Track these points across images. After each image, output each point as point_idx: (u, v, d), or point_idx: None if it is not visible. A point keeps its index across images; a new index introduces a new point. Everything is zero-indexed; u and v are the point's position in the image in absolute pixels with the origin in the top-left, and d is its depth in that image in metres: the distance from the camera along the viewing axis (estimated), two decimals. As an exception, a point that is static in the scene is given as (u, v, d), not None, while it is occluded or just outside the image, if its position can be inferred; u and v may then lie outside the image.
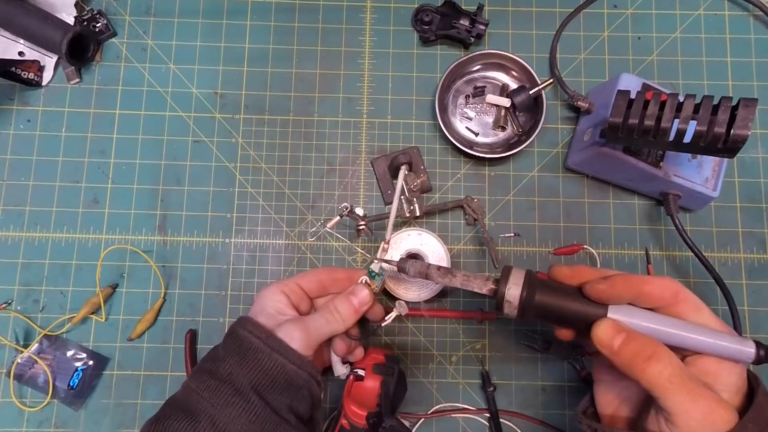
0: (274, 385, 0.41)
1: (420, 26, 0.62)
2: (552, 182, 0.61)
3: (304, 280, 0.47)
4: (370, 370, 0.49)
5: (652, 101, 0.46)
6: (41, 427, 0.56)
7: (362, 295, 0.45)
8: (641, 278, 0.37)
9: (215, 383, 0.40)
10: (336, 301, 0.45)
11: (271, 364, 0.41)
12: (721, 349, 0.35)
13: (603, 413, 0.40)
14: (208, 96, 0.62)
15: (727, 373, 0.35)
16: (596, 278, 0.38)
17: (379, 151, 0.61)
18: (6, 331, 0.57)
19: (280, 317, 0.44)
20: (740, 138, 0.43)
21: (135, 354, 0.57)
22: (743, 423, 0.32)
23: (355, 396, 0.48)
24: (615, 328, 0.36)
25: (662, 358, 0.34)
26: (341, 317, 0.44)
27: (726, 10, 0.64)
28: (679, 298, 0.36)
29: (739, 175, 0.60)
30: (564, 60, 0.62)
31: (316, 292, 0.48)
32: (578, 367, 0.56)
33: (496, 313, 0.56)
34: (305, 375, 0.42)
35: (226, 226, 0.59)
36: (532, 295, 0.39)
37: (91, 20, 0.61)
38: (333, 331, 0.44)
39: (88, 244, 0.59)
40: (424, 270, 0.44)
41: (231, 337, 0.44)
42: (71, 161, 0.60)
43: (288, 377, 0.41)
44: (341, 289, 0.48)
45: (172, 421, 0.39)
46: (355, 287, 0.46)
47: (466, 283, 0.42)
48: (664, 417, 0.34)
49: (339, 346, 0.47)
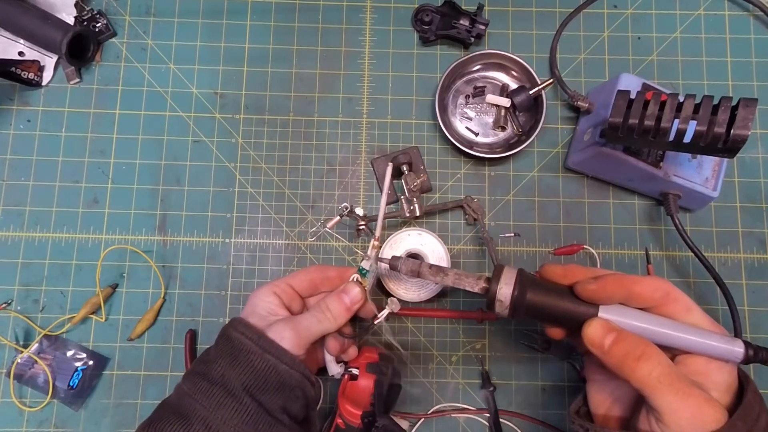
0: (266, 385, 0.40)
1: (420, 26, 0.62)
2: (552, 182, 0.61)
3: (295, 280, 0.47)
4: (363, 369, 0.48)
5: (652, 101, 0.46)
6: (41, 427, 0.56)
7: (354, 293, 0.45)
8: (632, 278, 0.37)
9: (207, 385, 0.40)
10: (327, 299, 0.45)
11: (262, 365, 0.41)
12: (710, 348, 0.35)
13: (596, 413, 0.40)
14: (208, 96, 0.62)
15: (716, 372, 0.35)
16: (587, 278, 0.38)
17: (379, 151, 0.61)
18: (6, 331, 0.57)
19: (271, 318, 0.44)
20: (740, 138, 0.43)
21: (135, 354, 0.57)
22: (732, 421, 0.32)
23: (350, 395, 0.48)
24: (605, 328, 0.36)
25: (652, 357, 0.34)
26: (332, 316, 0.44)
27: (726, 10, 0.64)
28: (670, 298, 0.36)
29: (739, 175, 0.60)
30: (564, 60, 0.62)
31: (308, 292, 0.48)
32: (578, 367, 0.56)
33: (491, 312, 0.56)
34: (297, 375, 0.41)
35: (226, 226, 0.59)
36: (523, 295, 0.39)
37: (91, 20, 0.61)
38: (324, 329, 0.44)
39: (88, 244, 0.59)
40: (417, 268, 0.43)
41: (222, 339, 0.44)
42: (71, 161, 0.60)
43: (280, 377, 0.41)
44: (333, 288, 0.47)
45: (164, 424, 0.39)
46: (347, 285, 0.46)
47: (458, 281, 0.42)
48: (655, 416, 0.34)
49: (332, 345, 0.47)
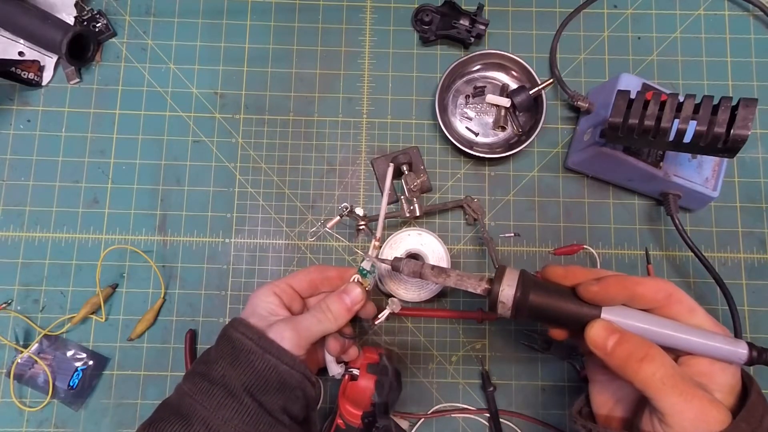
0: (266, 385, 0.40)
1: (420, 26, 0.62)
2: (552, 182, 0.61)
3: (295, 280, 0.47)
4: (364, 369, 0.48)
5: (652, 101, 0.46)
6: (41, 427, 0.56)
7: (354, 294, 0.45)
8: (635, 279, 0.37)
9: (208, 385, 0.40)
10: (328, 300, 0.44)
11: (263, 365, 0.41)
12: (713, 350, 0.35)
13: (598, 413, 0.40)
14: (208, 96, 0.62)
15: (720, 374, 0.35)
16: (589, 279, 0.38)
17: (379, 151, 0.61)
18: (6, 331, 0.57)
19: (271, 318, 0.44)
20: (740, 138, 0.43)
21: (135, 354, 0.57)
22: (736, 423, 0.32)
23: (350, 395, 0.48)
24: (608, 329, 0.36)
25: (655, 359, 0.34)
26: (333, 316, 0.44)
27: (726, 10, 0.64)
28: (673, 299, 0.36)
29: (739, 175, 0.60)
30: (564, 60, 0.62)
31: (308, 292, 0.48)
32: (578, 367, 0.56)
33: (493, 314, 0.56)
34: (298, 375, 0.41)
35: (226, 226, 0.59)
36: (525, 296, 0.38)
37: (91, 20, 0.61)
38: (325, 330, 0.44)
39: (88, 244, 0.59)
40: (419, 269, 0.43)
41: (223, 339, 0.44)
42: (71, 161, 0.60)
43: (281, 378, 0.41)
44: (333, 288, 0.47)
45: (165, 425, 0.39)
46: (347, 286, 0.45)
47: (460, 282, 0.42)
48: (658, 417, 0.34)
49: (332, 346, 0.47)
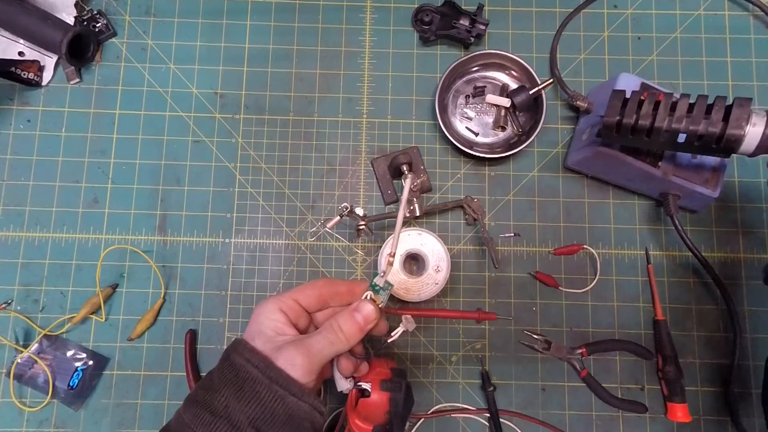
0: (273, 419, 0.38)
1: (420, 26, 0.62)
2: (552, 182, 0.61)
3: (302, 295, 0.44)
4: (376, 385, 0.46)
5: (646, 101, 0.46)
6: (41, 427, 0.56)
7: (367, 312, 0.42)
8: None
9: (210, 418, 0.37)
10: (340, 319, 0.42)
11: (270, 397, 0.38)
12: None
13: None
14: (208, 96, 0.62)
15: None
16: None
17: (379, 151, 0.61)
18: (6, 331, 0.57)
19: (278, 339, 0.41)
20: (734, 138, 0.43)
21: (135, 354, 0.57)
22: None
23: (361, 411, 0.46)
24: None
25: None
26: (345, 336, 0.41)
27: (726, 10, 0.64)
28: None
29: (739, 175, 0.60)
30: (564, 60, 0.62)
31: (316, 307, 0.45)
32: (578, 367, 0.56)
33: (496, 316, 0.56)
34: (307, 407, 0.39)
35: (226, 226, 0.59)
36: None
37: (91, 20, 0.61)
38: (337, 351, 0.41)
39: (88, 244, 0.59)
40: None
41: (226, 364, 0.40)
42: (71, 161, 0.60)
43: (289, 410, 0.38)
44: (342, 303, 0.45)
45: None
46: (360, 303, 0.42)
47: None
48: None
49: (344, 366, 0.44)
